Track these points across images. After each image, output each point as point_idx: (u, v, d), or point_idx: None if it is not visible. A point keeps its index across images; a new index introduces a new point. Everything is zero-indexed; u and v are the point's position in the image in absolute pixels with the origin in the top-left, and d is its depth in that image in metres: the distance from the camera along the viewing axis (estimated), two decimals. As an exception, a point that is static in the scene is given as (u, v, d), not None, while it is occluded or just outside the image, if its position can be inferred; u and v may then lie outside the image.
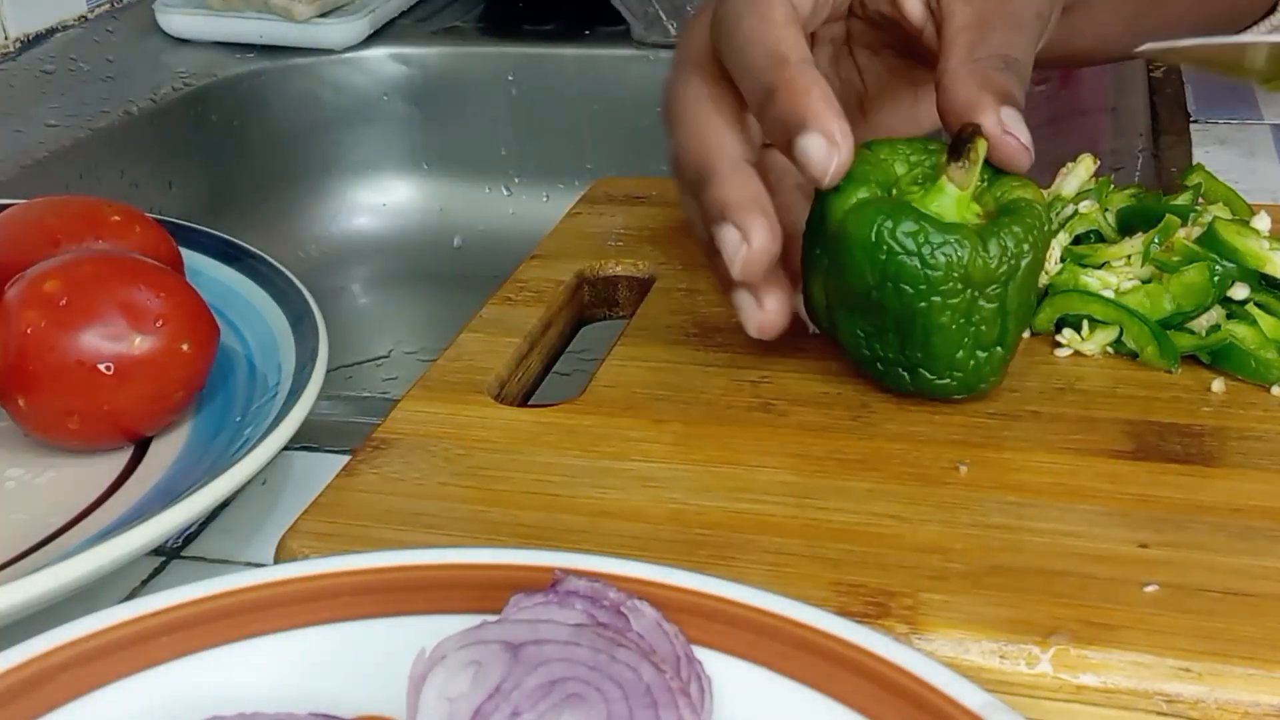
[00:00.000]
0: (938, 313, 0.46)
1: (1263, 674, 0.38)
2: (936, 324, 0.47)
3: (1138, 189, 0.58)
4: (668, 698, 0.34)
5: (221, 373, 0.54)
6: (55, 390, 0.49)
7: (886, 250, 0.46)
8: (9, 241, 0.55)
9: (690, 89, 0.51)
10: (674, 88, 0.52)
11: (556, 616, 0.36)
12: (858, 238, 0.46)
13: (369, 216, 1.08)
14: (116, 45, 1.06)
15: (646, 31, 1.03)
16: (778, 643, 0.36)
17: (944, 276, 0.46)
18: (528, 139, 1.07)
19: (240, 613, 0.38)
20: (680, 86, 0.51)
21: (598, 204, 0.68)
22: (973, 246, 0.46)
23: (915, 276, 0.46)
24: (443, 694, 0.34)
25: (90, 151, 0.90)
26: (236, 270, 0.60)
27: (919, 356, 0.48)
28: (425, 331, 1.04)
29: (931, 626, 0.40)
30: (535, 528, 0.44)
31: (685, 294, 0.59)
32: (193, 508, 0.44)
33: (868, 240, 0.46)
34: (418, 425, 0.50)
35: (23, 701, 0.35)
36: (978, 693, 0.34)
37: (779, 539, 0.43)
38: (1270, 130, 0.81)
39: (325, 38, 1.05)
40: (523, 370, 0.56)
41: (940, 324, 0.47)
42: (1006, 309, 0.47)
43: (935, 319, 0.47)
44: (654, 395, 0.52)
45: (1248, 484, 0.45)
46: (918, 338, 0.47)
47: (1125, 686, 0.38)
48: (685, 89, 0.51)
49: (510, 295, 0.59)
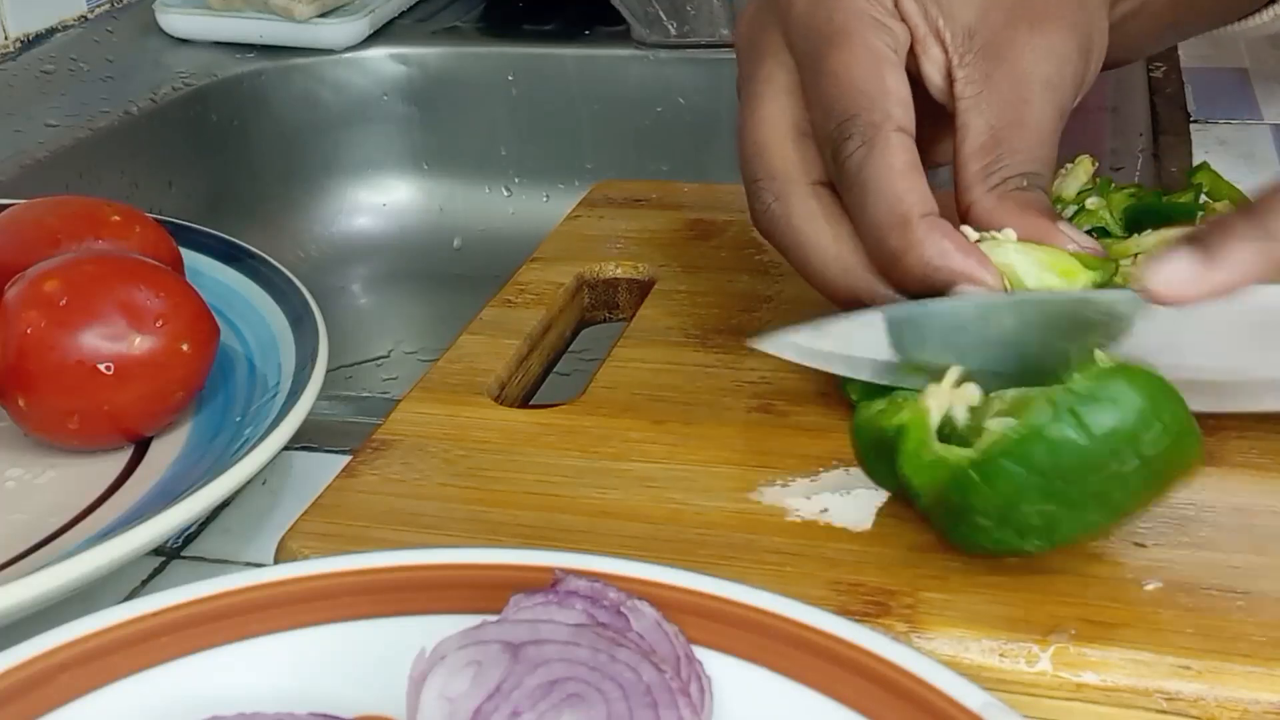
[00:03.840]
0: (1141, 492, 0.41)
1: (1262, 671, 0.38)
2: (1125, 504, 0.41)
3: (1137, 188, 0.58)
4: (668, 698, 0.34)
5: (221, 373, 0.54)
6: (55, 390, 0.49)
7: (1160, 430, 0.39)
8: (9, 241, 0.55)
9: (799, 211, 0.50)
10: (775, 215, 0.50)
11: (556, 616, 0.36)
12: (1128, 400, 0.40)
13: (369, 216, 1.08)
14: (116, 45, 1.06)
15: (646, 31, 1.03)
16: (778, 643, 0.36)
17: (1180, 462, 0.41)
18: (528, 139, 1.07)
19: (240, 613, 0.38)
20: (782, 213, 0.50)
21: (597, 207, 0.68)
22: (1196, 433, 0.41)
23: (1166, 462, 0.40)
24: (443, 694, 0.34)
25: (90, 151, 0.90)
26: (236, 270, 0.60)
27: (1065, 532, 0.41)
28: (425, 331, 1.04)
29: (931, 625, 0.40)
30: (535, 528, 0.44)
31: (685, 296, 0.59)
32: (193, 508, 0.44)
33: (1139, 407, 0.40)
34: (418, 426, 0.50)
35: (23, 701, 0.35)
36: (978, 693, 0.34)
37: (779, 539, 0.43)
38: (1270, 130, 0.81)
39: (325, 38, 1.05)
40: (523, 372, 0.56)
41: (1128, 506, 0.41)
42: None
43: (1130, 502, 0.41)
44: (654, 396, 0.52)
45: (1247, 484, 0.45)
46: (1094, 515, 0.41)
47: (1125, 684, 0.38)
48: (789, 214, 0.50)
49: (510, 298, 0.59)
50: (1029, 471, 0.39)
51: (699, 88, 1.02)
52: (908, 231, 0.46)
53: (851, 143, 0.48)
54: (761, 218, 0.51)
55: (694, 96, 1.03)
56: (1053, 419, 0.39)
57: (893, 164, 0.47)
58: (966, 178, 0.49)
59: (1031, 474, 0.39)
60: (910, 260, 0.46)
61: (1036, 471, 0.39)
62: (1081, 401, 0.39)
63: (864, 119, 0.48)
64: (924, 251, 0.46)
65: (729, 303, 0.58)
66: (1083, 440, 0.39)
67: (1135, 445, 0.39)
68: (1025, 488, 0.40)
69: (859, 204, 0.48)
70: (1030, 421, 0.40)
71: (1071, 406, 0.39)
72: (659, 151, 1.04)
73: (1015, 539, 0.41)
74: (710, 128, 1.02)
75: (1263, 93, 0.87)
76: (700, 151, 1.03)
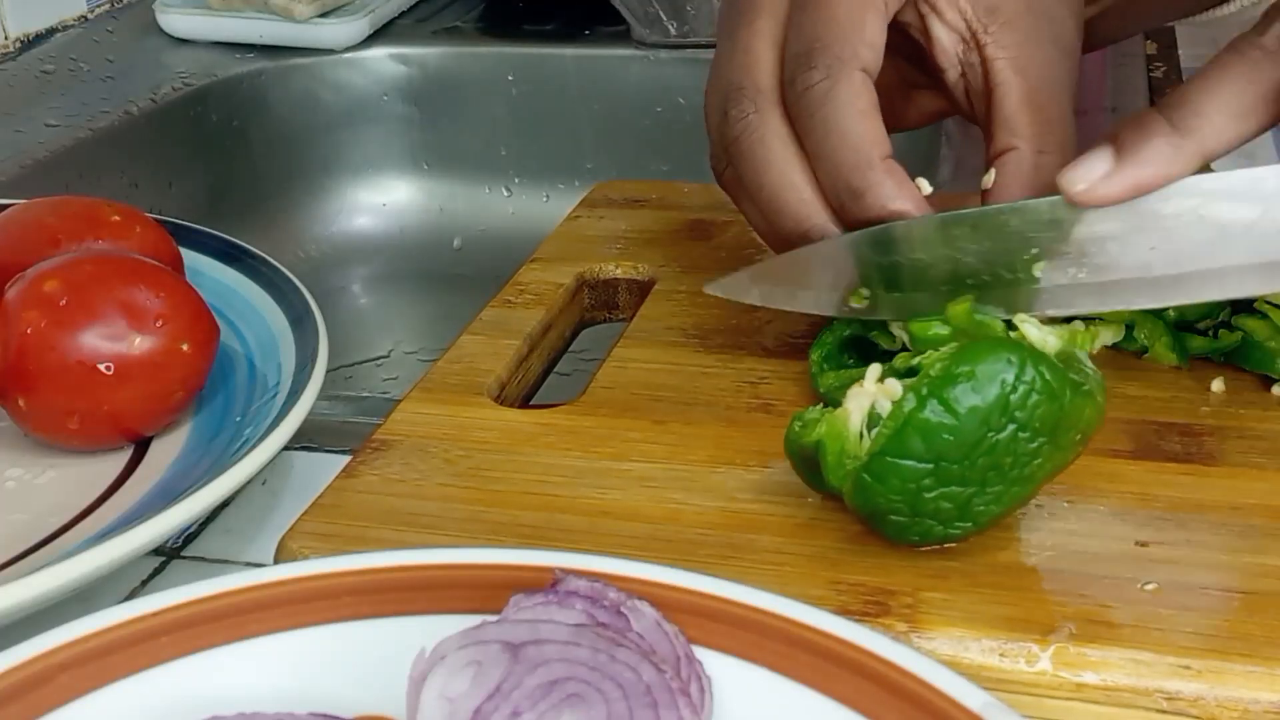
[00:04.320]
0: (1045, 461, 0.41)
1: (1262, 671, 0.38)
2: (1035, 474, 0.42)
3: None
4: (668, 698, 0.34)
5: (221, 373, 0.54)
6: (55, 390, 0.49)
7: (1026, 388, 0.40)
8: (9, 241, 0.55)
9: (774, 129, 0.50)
10: (751, 127, 0.51)
11: (556, 616, 0.36)
12: (984, 372, 0.40)
13: (369, 216, 1.08)
14: (116, 45, 1.06)
15: (646, 31, 1.03)
16: (778, 643, 0.36)
17: (1071, 423, 0.41)
18: (528, 139, 1.07)
19: (240, 613, 0.38)
20: (759, 126, 0.50)
21: (598, 207, 0.68)
22: (1093, 399, 0.42)
23: (1047, 421, 0.41)
24: (443, 694, 0.34)
25: (90, 151, 0.90)
26: (236, 270, 0.60)
27: (980, 509, 0.41)
28: (425, 331, 1.04)
29: (931, 625, 0.40)
30: (535, 528, 0.44)
31: (685, 296, 0.59)
32: (193, 508, 0.44)
33: (1001, 377, 0.40)
34: (418, 426, 0.50)
35: (23, 701, 0.35)
36: (978, 693, 0.34)
37: (778, 538, 0.43)
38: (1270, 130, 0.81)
39: (325, 38, 1.05)
40: (523, 372, 0.56)
41: (1039, 476, 0.42)
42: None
43: (1038, 470, 0.42)
44: (654, 396, 0.52)
45: (1247, 482, 0.45)
46: (1000, 485, 0.41)
47: (1125, 684, 0.38)
48: (764, 127, 0.50)
49: (510, 298, 0.59)
50: (915, 461, 0.40)
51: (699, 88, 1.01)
52: (869, 172, 0.48)
53: (816, 73, 0.49)
54: (734, 124, 0.51)
55: (694, 96, 1.02)
56: (918, 406, 0.40)
57: (856, 103, 0.48)
58: (1015, 125, 0.50)
59: (918, 463, 0.40)
60: (868, 200, 0.48)
61: (920, 459, 0.40)
62: (941, 384, 0.40)
63: (833, 51, 0.49)
64: (882, 192, 0.47)
65: (729, 303, 0.58)
66: (951, 420, 0.40)
67: (1006, 412, 0.40)
68: (917, 477, 0.41)
69: (820, 139, 0.49)
70: (899, 414, 0.41)
71: (933, 390, 0.40)
72: (659, 151, 1.04)
73: (938, 527, 0.42)
74: (710, 128, 1.02)
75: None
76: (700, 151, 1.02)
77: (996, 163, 0.50)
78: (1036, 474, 0.42)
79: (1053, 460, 0.42)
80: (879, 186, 0.48)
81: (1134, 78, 0.89)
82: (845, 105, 0.48)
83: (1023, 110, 0.50)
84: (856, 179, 0.48)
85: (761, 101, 0.51)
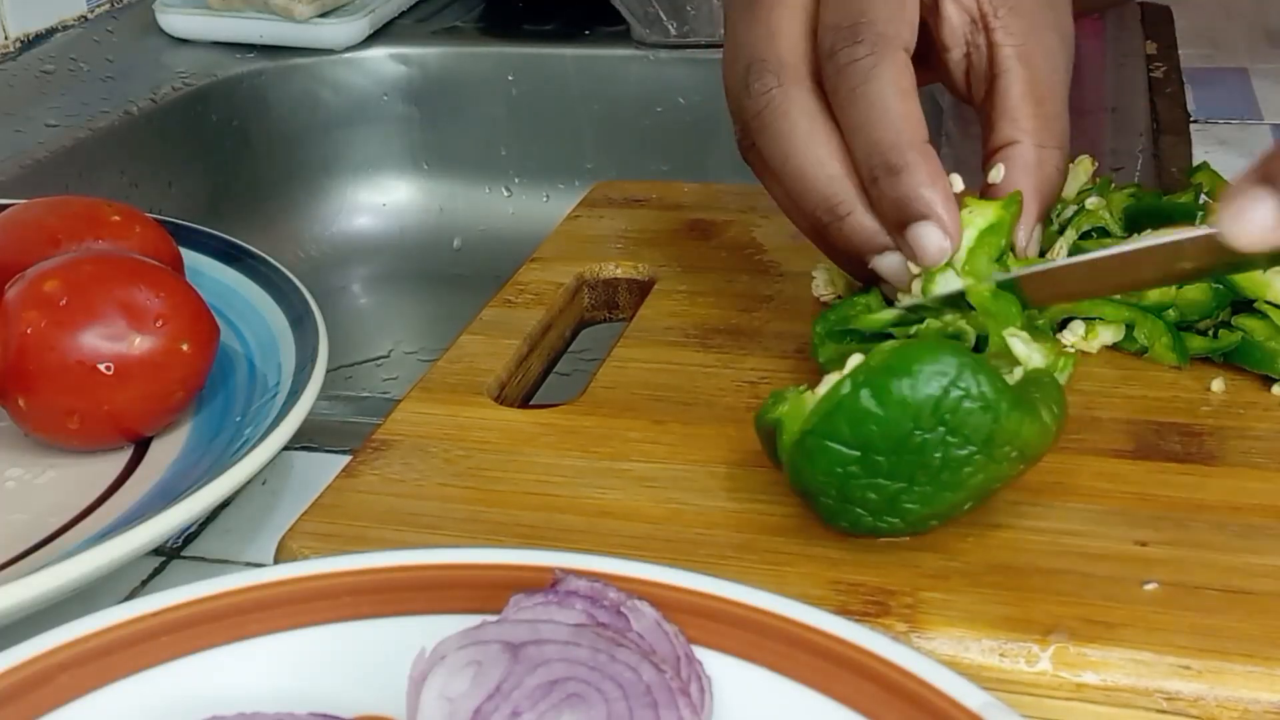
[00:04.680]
0: (977, 470, 0.41)
1: (1262, 671, 0.38)
2: (966, 481, 0.41)
3: (1137, 188, 0.58)
4: (668, 698, 0.34)
5: (221, 373, 0.54)
6: (55, 390, 0.49)
7: (959, 395, 0.40)
8: (9, 241, 0.55)
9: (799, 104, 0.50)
10: (775, 102, 0.50)
11: (556, 616, 0.36)
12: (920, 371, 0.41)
13: (369, 216, 1.08)
14: (116, 45, 1.06)
15: (646, 31, 1.03)
16: (778, 643, 0.36)
17: (1007, 438, 0.41)
18: (528, 139, 1.07)
19: (240, 613, 0.38)
20: (783, 100, 0.50)
21: (597, 207, 0.68)
22: (1039, 419, 0.42)
23: (978, 431, 0.41)
24: (443, 694, 0.34)
25: (90, 151, 0.90)
26: (236, 270, 0.60)
27: (908, 506, 0.42)
28: (425, 331, 1.04)
29: (931, 625, 0.40)
30: (535, 528, 0.44)
31: (685, 296, 0.59)
32: (193, 508, 0.44)
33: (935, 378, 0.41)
34: (417, 426, 0.50)
35: (23, 701, 0.35)
36: (977, 693, 0.34)
37: (778, 538, 0.43)
38: (1270, 130, 0.81)
39: (325, 38, 1.05)
40: (523, 372, 0.56)
41: (970, 483, 0.42)
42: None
43: (970, 477, 0.41)
44: (654, 396, 0.52)
45: (1247, 482, 0.45)
46: (928, 487, 0.41)
47: (1125, 684, 0.38)
48: (789, 101, 0.50)
49: (510, 298, 0.59)
50: (842, 445, 0.41)
51: (699, 88, 1.02)
52: (909, 151, 0.47)
53: (861, 48, 0.48)
54: (758, 99, 0.51)
55: (694, 96, 1.03)
56: (851, 391, 0.41)
57: (900, 83, 0.48)
58: (1019, 117, 0.50)
59: (845, 448, 0.41)
60: (904, 179, 0.47)
61: (847, 445, 0.41)
62: (877, 373, 0.41)
63: (880, 28, 0.49)
64: (919, 174, 0.47)
65: (729, 302, 0.58)
66: (878, 409, 0.40)
67: (936, 414, 0.40)
68: (844, 462, 0.41)
69: (862, 114, 0.48)
70: (833, 395, 0.41)
71: (869, 378, 0.41)
72: (659, 151, 1.04)
73: (867, 518, 0.42)
74: (710, 128, 1.02)
75: (1263, 93, 0.87)
76: (700, 151, 1.03)
77: (1000, 155, 0.50)
78: (968, 481, 0.41)
79: (986, 471, 0.41)
80: (916, 167, 0.47)
81: (1134, 78, 0.89)
82: (890, 83, 0.48)
83: (1026, 103, 0.50)
84: (895, 156, 0.48)
85: (786, 75, 0.50)
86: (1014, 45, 0.51)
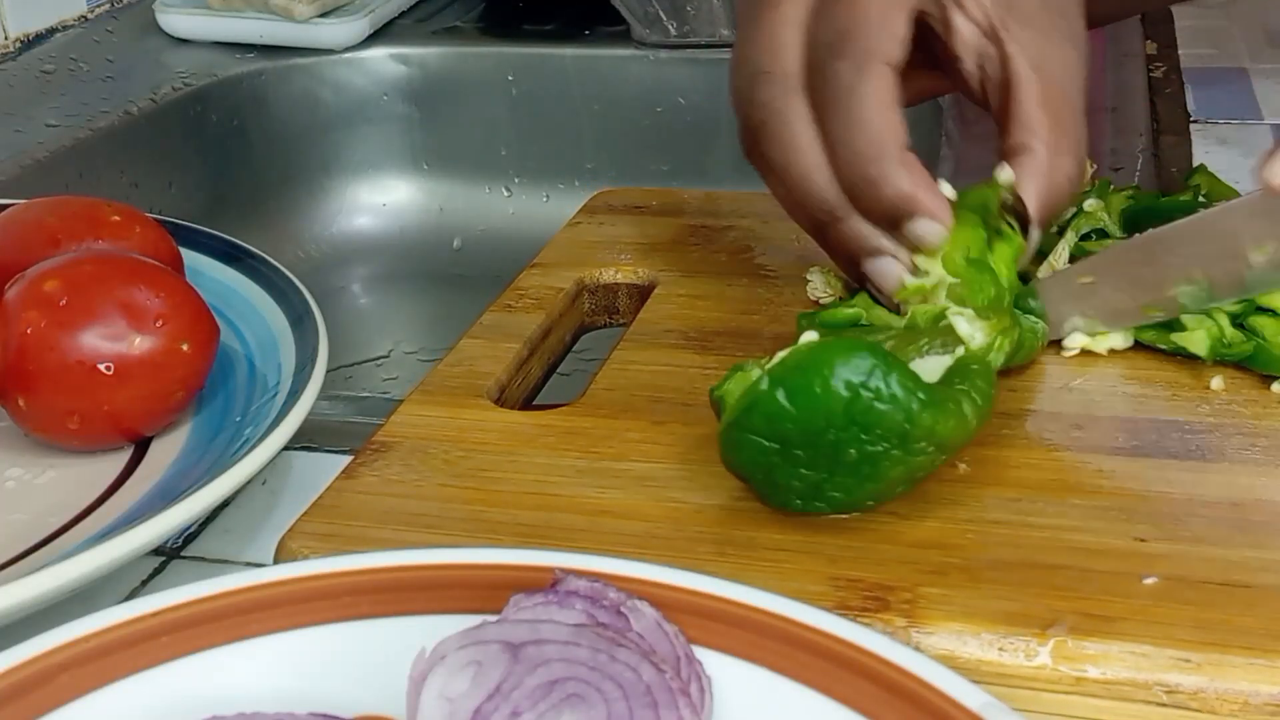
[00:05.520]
0: (895, 464, 0.42)
1: (1262, 664, 0.38)
2: (886, 474, 0.42)
3: (1136, 189, 0.58)
4: (668, 698, 0.34)
5: (221, 373, 0.54)
6: (55, 390, 0.49)
7: (870, 397, 0.41)
8: (9, 241, 0.55)
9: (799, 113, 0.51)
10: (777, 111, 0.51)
11: (556, 616, 0.36)
12: (832, 372, 0.42)
13: (369, 216, 1.08)
14: (116, 45, 1.06)
15: (646, 31, 1.03)
16: (778, 643, 0.36)
17: (921, 435, 0.42)
18: (528, 139, 1.07)
19: (240, 613, 0.38)
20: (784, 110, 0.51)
21: (598, 214, 0.68)
22: (957, 414, 0.43)
23: (892, 430, 0.41)
24: (443, 694, 0.34)
25: (90, 151, 0.90)
26: (236, 270, 0.60)
27: (834, 495, 0.43)
28: (425, 331, 1.04)
29: (930, 620, 0.40)
30: (535, 528, 0.44)
31: (685, 300, 0.59)
32: (193, 508, 0.44)
33: (846, 379, 0.41)
34: (417, 428, 0.50)
35: (23, 701, 0.35)
36: (977, 693, 0.34)
37: (778, 535, 0.43)
38: (1270, 130, 0.81)
39: (325, 38, 1.05)
40: (523, 375, 0.56)
41: (891, 475, 0.42)
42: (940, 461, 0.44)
43: (889, 470, 0.42)
44: (653, 397, 0.52)
45: (1247, 479, 0.45)
46: (849, 479, 0.42)
47: (1125, 678, 0.38)
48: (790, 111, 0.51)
49: (510, 302, 0.59)
50: (761, 439, 0.42)
51: (699, 88, 1.02)
52: (885, 163, 0.49)
53: (845, 63, 0.50)
54: (760, 109, 0.52)
55: (694, 96, 1.03)
56: (768, 388, 0.42)
57: (880, 95, 0.50)
58: (1033, 124, 0.51)
59: (765, 440, 0.42)
60: (885, 190, 0.49)
61: (766, 438, 0.42)
62: (791, 373, 0.42)
63: (862, 44, 0.50)
64: (900, 183, 0.49)
65: (728, 306, 0.58)
66: (791, 407, 0.41)
67: (848, 413, 0.41)
68: (766, 453, 0.42)
69: (843, 127, 0.50)
70: (751, 391, 0.42)
71: (783, 375, 0.42)
72: (659, 152, 1.04)
73: (797, 501, 0.43)
74: (710, 128, 1.02)
75: (1263, 93, 0.87)
76: (700, 152, 1.03)
77: (1013, 162, 0.51)
78: (888, 473, 0.42)
79: (905, 464, 0.42)
80: (896, 177, 0.49)
81: (1134, 78, 0.89)
82: (868, 97, 0.49)
83: (1039, 110, 0.51)
84: (873, 169, 0.49)
85: (788, 85, 0.52)
86: (1025, 54, 0.51)
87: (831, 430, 0.41)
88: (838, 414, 0.41)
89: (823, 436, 0.41)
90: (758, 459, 0.43)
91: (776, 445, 0.42)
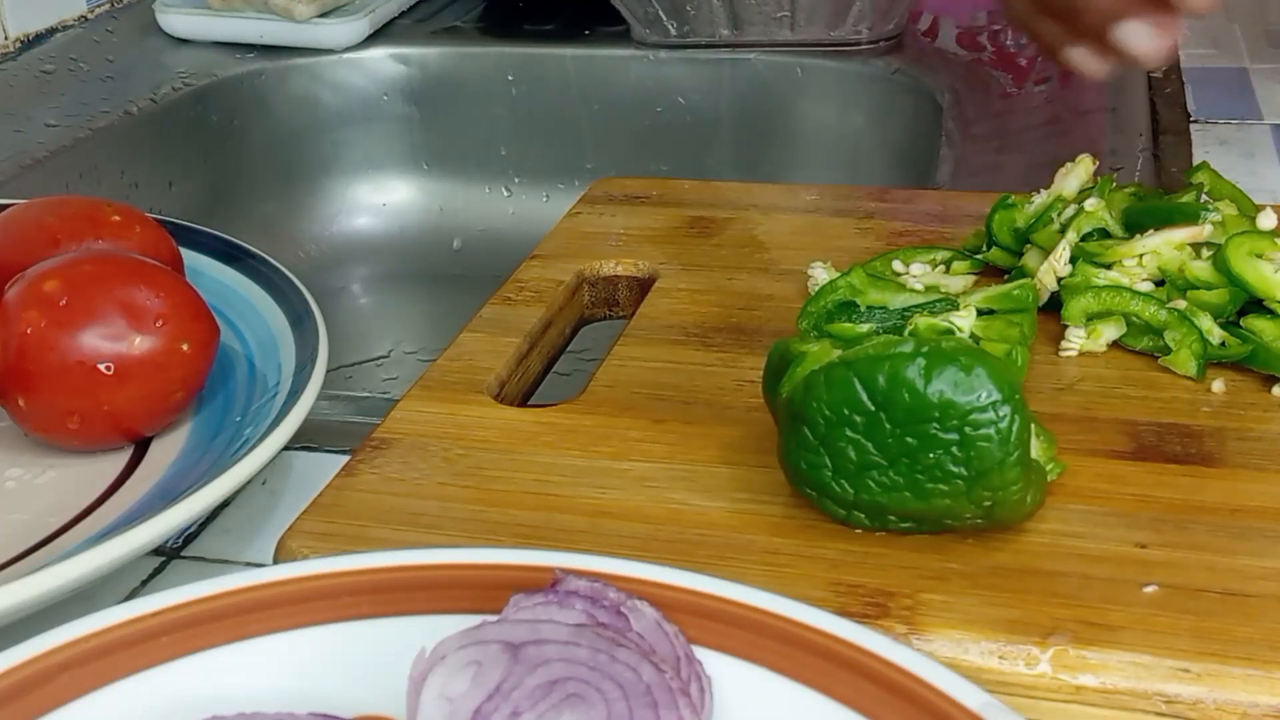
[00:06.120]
0: (948, 495, 0.42)
1: (1261, 674, 0.38)
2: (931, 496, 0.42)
3: (1138, 187, 0.58)
4: (668, 698, 0.34)
5: (221, 373, 0.54)
6: (55, 390, 0.49)
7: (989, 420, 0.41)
8: (9, 241, 0.55)
9: None
10: None
11: (556, 616, 0.36)
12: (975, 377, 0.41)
13: (369, 216, 1.08)
14: (116, 45, 1.06)
15: (646, 31, 1.03)
16: (778, 643, 0.36)
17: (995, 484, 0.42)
18: (528, 139, 1.07)
19: (240, 613, 0.38)
20: None
21: (598, 204, 0.68)
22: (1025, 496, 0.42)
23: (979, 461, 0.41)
24: (443, 694, 0.34)
25: (90, 151, 0.90)
26: (236, 270, 0.60)
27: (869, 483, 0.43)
28: (425, 331, 1.04)
29: (930, 627, 0.40)
30: (535, 528, 0.44)
31: (686, 294, 0.59)
32: (193, 508, 0.44)
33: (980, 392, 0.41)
34: (417, 425, 0.50)
35: (23, 701, 0.35)
36: (977, 693, 0.34)
37: (778, 539, 0.43)
38: (1270, 130, 0.81)
39: (325, 38, 1.05)
40: (523, 370, 0.56)
41: (935, 502, 0.42)
42: None
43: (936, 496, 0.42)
44: (654, 395, 0.52)
45: (1247, 484, 0.45)
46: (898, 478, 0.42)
47: (1124, 687, 0.38)
48: None
49: (510, 295, 0.59)
50: (866, 392, 0.41)
51: (699, 88, 1.02)
52: None
53: None
54: None
55: (694, 96, 1.03)
56: (909, 354, 0.41)
57: None
58: None
59: (867, 396, 0.41)
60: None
61: (871, 394, 0.41)
62: (939, 355, 0.41)
63: None
64: None
65: (729, 300, 0.58)
66: (920, 384, 0.41)
67: (963, 418, 0.41)
68: (855, 408, 0.41)
69: None
70: (888, 347, 0.41)
71: (929, 352, 0.41)
72: (659, 151, 1.04)
73: (827, 472, 0.42)
74: (710, 128, 1.02)
75: (1263, 93, 0.87)
76: (700, 151, 1.03)
77: None
78: (932, 497, 0.42)
79: (954, 500, 0.42)
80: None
81: (1134, 78, 0.89)
82: None
83: None
84: None
85: None
86: None
87: (935, 425, 0.41)
88: (953, 414, 0.41)
89: (922, 425, 0.41)
90: (840, 409, 0.41)
91: (873, 407, 0.41)
